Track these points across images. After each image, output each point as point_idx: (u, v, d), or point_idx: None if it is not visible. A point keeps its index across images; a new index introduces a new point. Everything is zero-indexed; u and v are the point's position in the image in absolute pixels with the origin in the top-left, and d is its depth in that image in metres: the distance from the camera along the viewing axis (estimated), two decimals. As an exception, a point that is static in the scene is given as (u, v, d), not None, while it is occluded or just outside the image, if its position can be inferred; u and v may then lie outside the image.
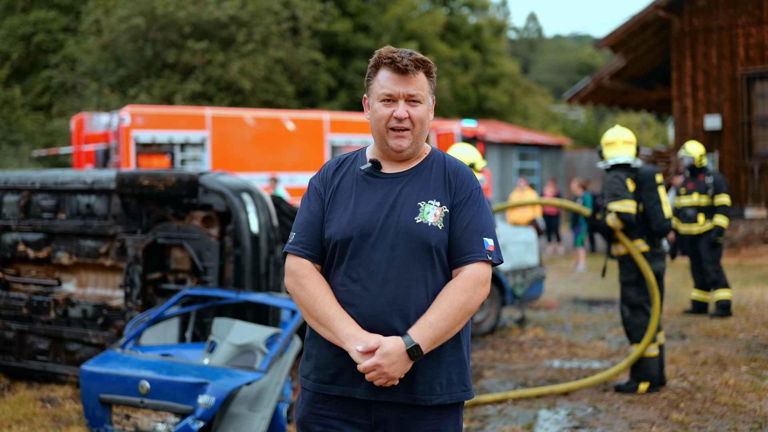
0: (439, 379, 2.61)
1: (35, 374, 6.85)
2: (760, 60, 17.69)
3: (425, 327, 2.54)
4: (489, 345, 8.73)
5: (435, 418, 2.62)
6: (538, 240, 10.59)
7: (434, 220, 2.61)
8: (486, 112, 35.97)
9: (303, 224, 2.70)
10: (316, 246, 2.67)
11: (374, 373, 2.50)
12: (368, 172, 2.69)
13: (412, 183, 2.66)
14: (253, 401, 4.92)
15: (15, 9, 28.45)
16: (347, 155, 2.80)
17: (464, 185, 2.69)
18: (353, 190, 2.68)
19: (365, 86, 2.75)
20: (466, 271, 2.62)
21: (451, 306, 2.56)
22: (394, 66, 2.62)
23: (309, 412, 2.67)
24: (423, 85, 2.66)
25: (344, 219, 2.62)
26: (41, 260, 7.08)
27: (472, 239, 2.63)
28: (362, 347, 2.51)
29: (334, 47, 30.88)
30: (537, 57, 60.36)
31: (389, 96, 2.64)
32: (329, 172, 2.74)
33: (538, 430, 5.74)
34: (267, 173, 15.76)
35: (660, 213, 6.44)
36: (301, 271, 2.65)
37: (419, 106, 2.66)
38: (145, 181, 6.29)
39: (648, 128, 44.07)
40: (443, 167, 2.72)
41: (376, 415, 2.60)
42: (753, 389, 6.51)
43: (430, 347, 2.54)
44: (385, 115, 2.64)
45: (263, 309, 6.05)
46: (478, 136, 20.14)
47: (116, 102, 23.92)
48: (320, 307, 2.59)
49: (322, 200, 2.70)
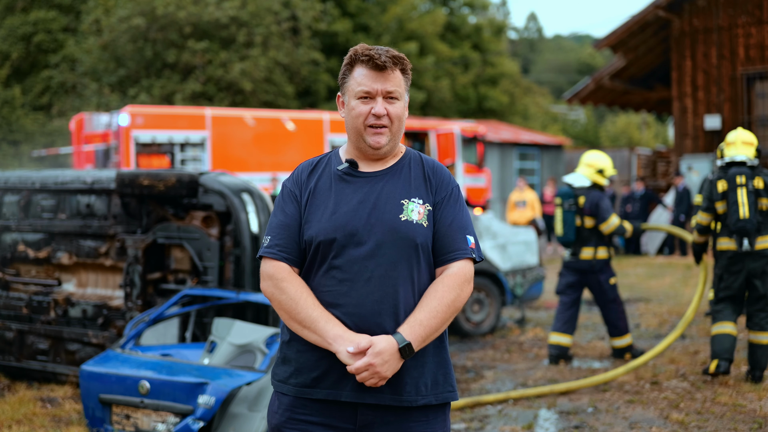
0: (424, 380, 2.59)
1: (35, 374, 6.85)
2: (760, 60, 17.69)
3: (416, 325, 2.52)
4: (489, 345, 8.73)
5: (422, 419, 2.59)
6: (538, 240, 10.59)
7: (419, 218, 2.59)
8: (486, 112, 35.97)
9: (278, 227, 2.64)
10: (293, 249, 2.61)
11: (366, 373, 2.46)
12: (346, 171, 2.65)
13: (393, 181, 2.64)
14: (253, 401, 4.91)
15: (15, 9, 28.45)
16: (320, 157, 2.75)
17: (443, 183, 2.68)
18: (331, 190, 2.63)
19: (339, 84, 2.71)
20: (453, 269, 2.61)
21: (441, 304, 2.55)
22: (372, 63, 2.59)
23: (288, 417, 2.59)
24: (400, 81, 2.64)
25: (325, 219, 2.57)
26: (41, 260, 7.08)
27: (456, 237, 2.63)
28: (353, 348, 2.47)
29: (334, 47, 30.87)
30: (537, 57, 60.36)
31: (367, 93, 2.60)
32: (303, 174, 2.69)
33: (538, 430, 5.75)
34: (267, 173, 15.76)
35: (735, 213, 6.64)
36: (279, 275, 2.59)
37: (397, 103, 2.63)
38: (145, 181, 6.29)
39: (648, 128, 44.09)
40: (421, 166, 2.70)
41: (361, 418, 2.55)
42: (753, 389, 6.51)
43: (420, 345, 2.53)
44: (363, 113, 2.60)
45: (263, 309, 6.04)
46: (478, 136, 20.16)
47: (116, 102, 23.92)
48: (303, 310, 2.54)
49: (298, 202, 2.64)
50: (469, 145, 19.83)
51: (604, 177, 7.87)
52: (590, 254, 7.69)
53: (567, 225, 7.73)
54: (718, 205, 6.83)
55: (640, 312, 10.70)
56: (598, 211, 7.62)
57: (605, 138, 43.60)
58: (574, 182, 7.83)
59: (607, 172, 7.88)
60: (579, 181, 7.82)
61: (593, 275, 7.72)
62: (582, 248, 7.73)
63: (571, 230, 7.71)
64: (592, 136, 43.86)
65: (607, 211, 7.61)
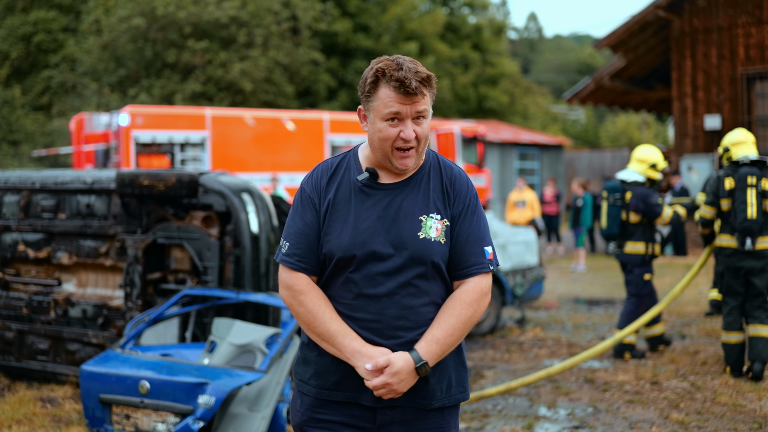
0: (441, 385, 2.63)
1: (35, 374, 6.85)
2: (760, 60, 17.69)
3: (432, 343, 2.54)
4: (489, 345, 8.73)
5: (438, 417, 2.64)
6: (538, 240, 10.60)
7: (436, 235, 2.59)
8: (486, 112, 35.96)
9: (297, 234, 2.63)
10: (312, 259, 2.61)
11: (383, 390, 2.50)
12: (365, 183, 2.63)
13: (412, 195, 2.61)
14: (253, 401, 4.92)
15: (15, 9, 28.46)
16: (339, 158, 2.71)
17: (461, 195, 2.66)
18: (351, 202, 2.61)
19: (360, 95, 2.61)
20: (470, 284, 2.61)
21: (458, 321, 2.57)
22: (403, 89, 2.50)
23: (309, 417, 2.64)
24: (428, 99, 2.58)
25: (345, 235, 2.57)
26: (41, 260, 7.08)
27: (473, 251, 2.62)
28: (371, 366, 2.49)
29: (334, 47, 30.88)
30: (537, 57, 60.36)
31: (396, 115, 2.53)
32: (323, 181, 2.67)
33: (538, 430, 5.74)
34: (267, 173, 15.76)
35: (742, 213, 6.68)
36: (298, 287, 2.60)
37: (424, 122, 2.58)
38: (145, 181, 6.29)
39: (648, 128, 44.07)
40: (440, 175, 2.67)
41: (380, 418, 2.60)
42: (753, 389, 6.51)
43: (436, 362, 2.56)
44: (392, 136, 2.54)
45: (263, 309, 6.05)
46: (478, 136, 20.16)
47: (116, 102, 23.92)
48: (321, 324, 2.56)
49: (317, 211, 2.63)
50: (469, 145, 19.84)
51: (657, 171, 7.92)
52: (634, 249, 7.78)
53: (611, 218, 7.84)
54: (723, 202, 6.85)
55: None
56: (647, 208, 7.68)
57: (605, 138, 43.61)
58: (627, 178, 7.85)
59: (659, 165, 7.93)
60: (632, 177, 7.85)
61: (632, 267, 7.82)
62: (626, 242, 7.82)
63: (615, 224, 7.82)
64: (592, 136, 43.84)
65: (657, 206, 7.67)
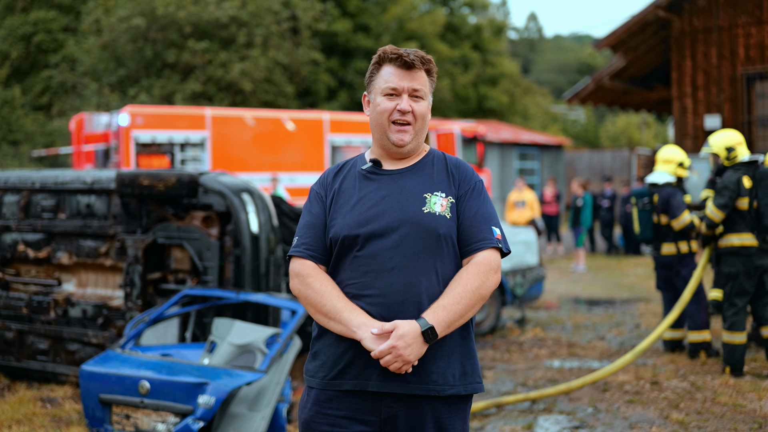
0: (452, 370, 2.63)
1: (35, 374, 6.85)
2: (760, 60, 17.69)
3: (439, 310, 2.56)
4: (489, 345, 8.73)
5: (444, 411, 2.64)
6: (537, 240, 10.60)
7: (441, 210, 2.65)
8: (486, 112, 35.96)
9: (305, 227, 2.74)
10: (319, 247, 2.70)
11: (390, 356, 2.51)
12: (370, 170, 2.74)
13: (415, 177, 2.72)
14: (253, 401, 4.92)
15: (15, 9, 28.46)
16: (347, 161, 2.85)
17: (466, 178, 2.75)
18: (356, 188, 2.72)
19: (366, 84, 2.79)
20: (478, 258, 2.65)
21: (465, 290, 2.59)
22: (401, 61, 2.67)
23: (316, 411, 2.66)
24: (425, 81, 2.73)
25: (350, 215, 2.66)
26: (41, 260, 7.08)
27: (481, 227, 2.68)
28: (377, 330, 2.52)
29: (334, 47, 30.88)
30: (537, 57, 60.36)
31: (394, 90, 2.68)
32: (329, 177, 2.79)
33: (538, 430, 5.74)
34: (267, 173, 15.76)
35: None
36: (305, 272, 2.68)
37: (422, 102, 2.72)
38: (145, 181, 6.29)
39: (648, 128, 44.07)
40: (444, 163, 2.78)
41: (385, 410, 2.60)
42: (753, 389, 6.51)
43: (444, 331, 2.56)
44: (388, 108, 2.69)
45: (263, 309, 6.05)
46: (478, 136, 20.16)
47: (116, 102, 23.92)
48: (328, 302, 2.61)
49: (324, 202, 2.74)
50: (469, 145, 19.84)
51: (684, 168, 7.92)
52: (671, 249, 7.77)
53: (643, 223, 7.87)
54: (742, 201, 6.83)
55: (641, 312, 10.71)
56: (668, 207, 7.66)
57: (605, 138, 43.60)
58: (658, 180, 7.82)
59: (686, 162, 7.94)
60: (663, 179, 7.82)
61: (676, 269, 7.80)
62: (662, 244, 7.81)
63: (647, 228, 7.84)
64: (592, 136, 43.84)
65: (678, 208, 7.62)
